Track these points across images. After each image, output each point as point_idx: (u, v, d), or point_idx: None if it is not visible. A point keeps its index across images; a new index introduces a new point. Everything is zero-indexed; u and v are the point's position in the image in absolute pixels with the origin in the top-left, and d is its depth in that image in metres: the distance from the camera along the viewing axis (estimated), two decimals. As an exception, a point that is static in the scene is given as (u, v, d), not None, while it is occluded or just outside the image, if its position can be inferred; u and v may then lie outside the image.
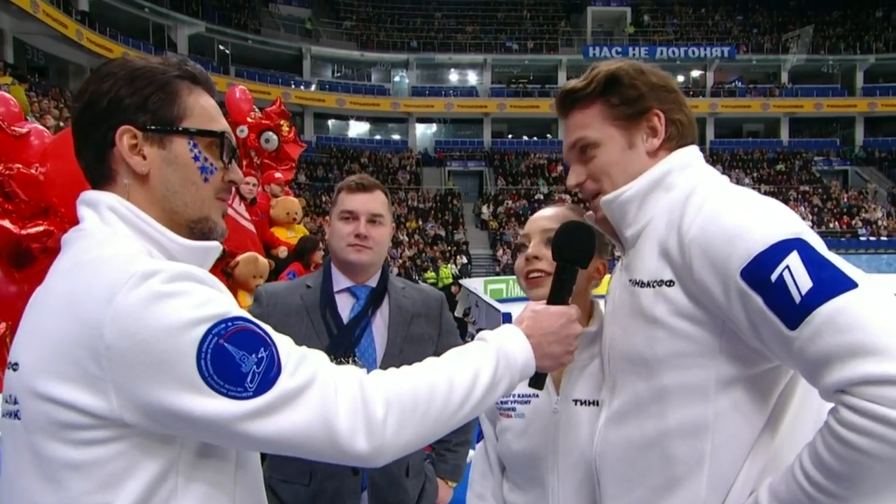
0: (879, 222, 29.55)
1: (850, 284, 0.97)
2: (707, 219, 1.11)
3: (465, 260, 26.17)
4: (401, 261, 23.44)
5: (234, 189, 1.19)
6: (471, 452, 5.38)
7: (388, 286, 1.99)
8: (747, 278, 1.04)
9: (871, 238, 28.26)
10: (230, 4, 33.81)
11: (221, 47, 32.90)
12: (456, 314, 13.45)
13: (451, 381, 1.06)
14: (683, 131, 1.30)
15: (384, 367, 1.79)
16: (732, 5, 40.06)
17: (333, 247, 1.95)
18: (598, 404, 1.42)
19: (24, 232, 2.72)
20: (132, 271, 0.94)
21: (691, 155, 1.29)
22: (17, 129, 2.82)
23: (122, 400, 0.93)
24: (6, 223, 2.71)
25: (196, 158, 1.10)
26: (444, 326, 2.06)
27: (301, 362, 0.99)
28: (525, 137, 37.61)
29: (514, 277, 1.66)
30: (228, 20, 32.63)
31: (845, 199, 31.46)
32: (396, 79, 37.38)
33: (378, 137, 37.85)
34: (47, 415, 0.95)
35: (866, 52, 35.74)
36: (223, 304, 0.98)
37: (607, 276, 1.50)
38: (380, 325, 1.94)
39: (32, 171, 2.75)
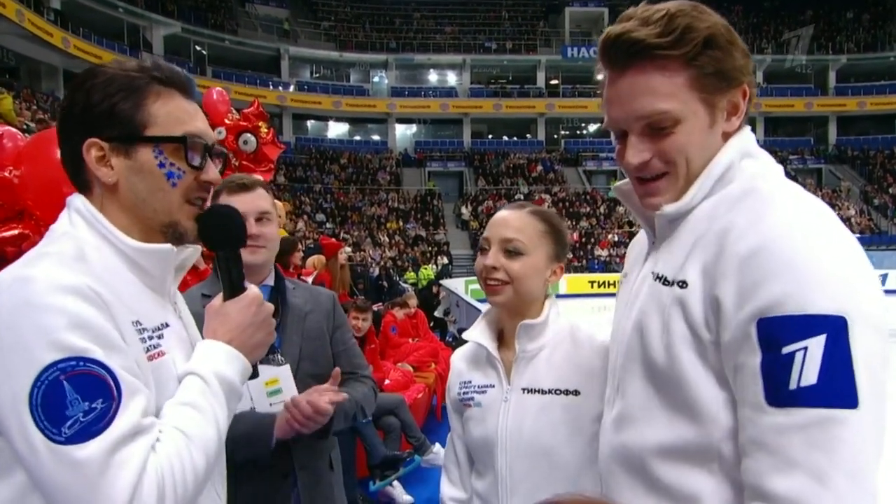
0: (853, 220, 30.09)
1: (851, 403, 0.88)
2: (765, 239, 0.95)
3: (445, 260, 26.20)
4: (381, 262, 23.40)
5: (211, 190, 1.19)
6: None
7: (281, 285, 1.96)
8: (761, 330, 0.92)
9: (845, 235, 28.73)
10: (206, 4, 33.44)
11: (198, 48, 32.56)
12: (437, 314, 13.47)
13: (206, 451, 1.03)
14: (748, 109, 1.11)
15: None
16: (708, 6, 40.41)
17: None
18: (542, 392, 1.51)
19: (-2, 235, 2.70)
20: (21, 274, 0.96)
21: (748, 140, 1.11)
22: (-11, 131, 2.80)
23: None
24: (-20, 227, 2.68)
25: (161, 165, 1.10)
26: (336, 321, 2.03)
27: (131, 438, 0.94)
28: (505, 137, 37.74)
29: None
30: (205, 20, 32.28)
31: (820, 197, 31.70)
32: (375, 79, 37.31)
33: (358, 138, 37.75)
34: None
35: (838, 53, 36.39)
36: (92, 336, 0.94)
37: (567, 276, 1.53)
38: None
39: (6, 174, 2.73)
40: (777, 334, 0.91)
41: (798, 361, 0.88)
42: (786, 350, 0.89)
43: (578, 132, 38.91)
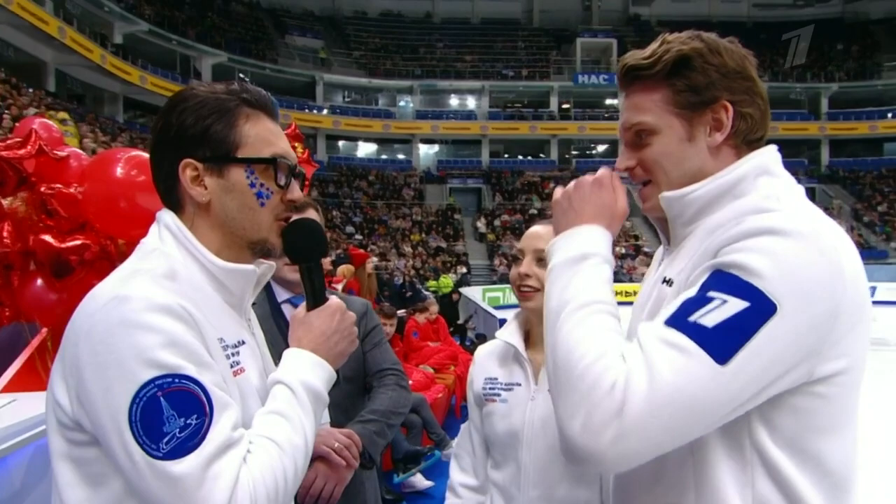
0: (844, 235, 29.54)
1: (719, 358, 0.86)
2: (747, 229, 0.93)
3: (464, 270, 26.16)
4: (405, 271, 23.42)
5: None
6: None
7: None
8: (711, 277, 0.93)
9: (837, 249, 28.22)
10: (250, 36, 33.96)
11: (241, 76, 32.95)
12: (458, 321, 13.45)
13: (294, 458, 0.99)
14: (753, 126, 1.08)
15: None
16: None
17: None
18: None
19: (63, 245, 2.75)
20: (116, 293, 0.93)
21: (769, 158, 1.08)
22: (57, 152, 2.85)
23: (77, 406, 0.93)
24: (48, 238, 2.73)
25: (252, 185, 1.06)
26: (367, 325, 2.03)
27: (224, 452, 0.91)
28: (520, 157, 37.69)
29: (510, 286, 1.70)
30: (248, 51, 32.77)
31: (813, 214, 31.41)
32: (402, 103, 37.48)
33: (384, 157, 37.91)
34: (52, 411, 0.97)
35: (830, 81, 35.88)
36: (185, 353, 0.92)
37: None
38: None
39: (71, 190, 2.78)
40: (712, 282, 0.91)
41: (712, 305, 0.88)
42: (710, 294, 0.89)
43: (588, 152, 38.69)
